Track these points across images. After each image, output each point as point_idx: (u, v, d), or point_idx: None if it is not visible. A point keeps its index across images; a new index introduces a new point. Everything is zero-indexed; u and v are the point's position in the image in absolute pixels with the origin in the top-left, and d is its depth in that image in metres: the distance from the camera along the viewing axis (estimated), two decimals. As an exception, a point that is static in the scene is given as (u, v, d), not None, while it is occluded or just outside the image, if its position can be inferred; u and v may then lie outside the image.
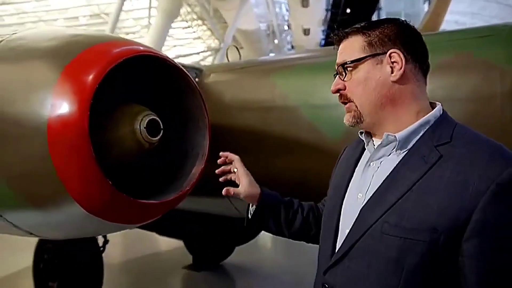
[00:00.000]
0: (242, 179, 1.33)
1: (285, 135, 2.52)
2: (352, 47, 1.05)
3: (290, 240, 1.40)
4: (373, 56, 1.02)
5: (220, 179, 1.37)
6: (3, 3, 20.72)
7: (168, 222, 4.09)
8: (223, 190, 1.30)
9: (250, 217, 1.35)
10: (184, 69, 1.56)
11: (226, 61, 5.81)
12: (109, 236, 4.13)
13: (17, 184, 1.36)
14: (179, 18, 20.73)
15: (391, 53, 1.01)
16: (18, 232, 1.54)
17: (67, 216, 1.35)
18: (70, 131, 1.22)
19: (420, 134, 1.00)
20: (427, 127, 1.00)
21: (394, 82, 1.01)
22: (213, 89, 3.07)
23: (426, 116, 1.01)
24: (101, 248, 3.51)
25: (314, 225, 1.35)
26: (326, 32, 22.68)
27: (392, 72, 1.01)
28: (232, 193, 1.30)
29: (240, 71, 3.04)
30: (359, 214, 1.01)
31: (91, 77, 1.24)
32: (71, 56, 1.31)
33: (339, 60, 1.07)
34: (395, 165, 0.99)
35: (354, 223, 1.01)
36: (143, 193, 1.50)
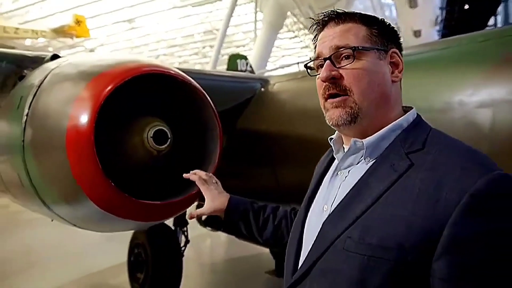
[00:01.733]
0: (205, 197, 1.35)
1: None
2: (355, 33, 0.93)
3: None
4: (378, 50, 0.93)
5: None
6: (132, 28, 23.74)
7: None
8: (188, 216, 1.32)
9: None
10: (195, 83, 1.70)
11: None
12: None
13: (52, 183, 1.63)
14: (285, 29, 21.24)
15: (392, 52, 0.95)
16: (66, 223, 1.84)
17: (89, 211, 1.58)
18: (80, 139, 1.44)
19: (391, 141, 0.90)
20: (398, 133, 0.91)
21: (393, 82, 0.94)
22: (277, 98, 3.17)
23: (397, 120, 0.91)
24: (182, 247, 3.81)
25: (287, 232, 1.29)
26: (442, 32, 20.91)
27: (392, 72, 0.94)
28: (196, 215, 1.33)
29: (301, 80, 3.08)
30: (320, 228, 0.90)
31: (100, 93, 1.46)
32: (91, 76, 1.54)
33: (339, 42, 0.92)
34: (362, 174, 0.90)
35: (315, 238, 0.91)
36: (164, 196, 1.68)
